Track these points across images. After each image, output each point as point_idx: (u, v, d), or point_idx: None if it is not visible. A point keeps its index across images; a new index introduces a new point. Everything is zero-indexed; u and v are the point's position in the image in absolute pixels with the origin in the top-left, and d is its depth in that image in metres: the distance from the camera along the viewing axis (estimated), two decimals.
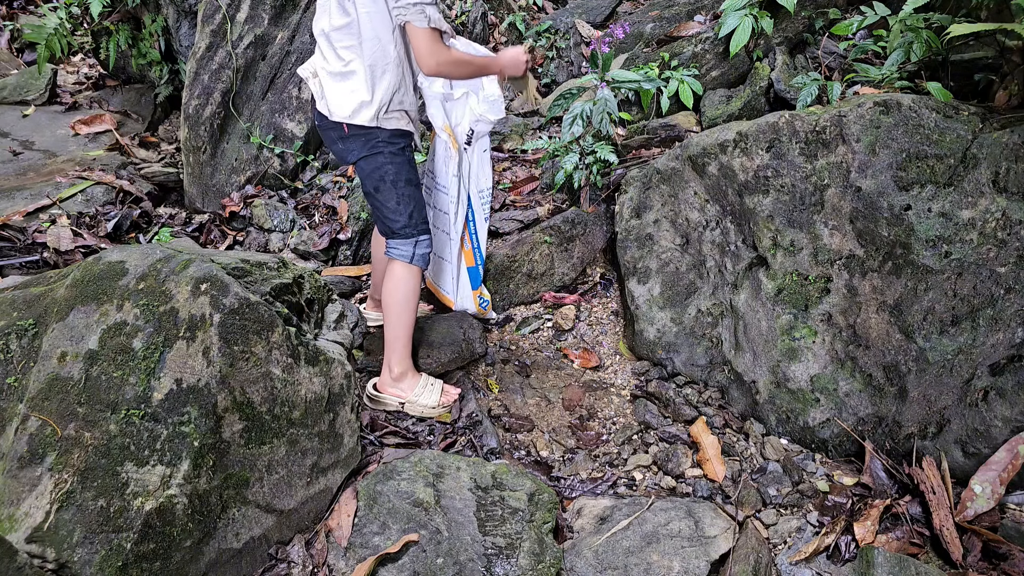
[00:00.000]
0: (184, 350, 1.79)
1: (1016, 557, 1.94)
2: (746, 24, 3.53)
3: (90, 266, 1.91)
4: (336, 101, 2.34)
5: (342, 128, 2.36)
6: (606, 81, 3.17)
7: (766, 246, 2.55)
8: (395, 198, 2.43)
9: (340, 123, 2.35)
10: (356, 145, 2.38)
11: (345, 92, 2.32)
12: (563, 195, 3.63)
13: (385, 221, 2.50)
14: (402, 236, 2.49)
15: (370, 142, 2.37)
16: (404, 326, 2.55)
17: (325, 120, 2.41)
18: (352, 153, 2.41)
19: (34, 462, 1.71)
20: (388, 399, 2.61)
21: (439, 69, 2.22)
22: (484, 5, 5.02)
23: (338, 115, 2.34)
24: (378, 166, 2.39)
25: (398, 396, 2.60)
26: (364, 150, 2.38)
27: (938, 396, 2.26)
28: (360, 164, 2.42)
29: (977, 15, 2.51)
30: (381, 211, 2.49)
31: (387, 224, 2.50)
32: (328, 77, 2.36)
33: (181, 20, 4.18)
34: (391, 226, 2.49)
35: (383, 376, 2.63)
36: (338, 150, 2.46)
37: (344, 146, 2.41)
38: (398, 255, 2.50)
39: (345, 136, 2.37)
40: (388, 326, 2.56)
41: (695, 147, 2.70)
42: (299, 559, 1.90)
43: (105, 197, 3.50)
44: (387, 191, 2.42)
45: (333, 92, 2.35)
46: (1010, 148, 2.15)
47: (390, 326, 2.55)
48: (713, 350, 2.85)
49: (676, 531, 2.08)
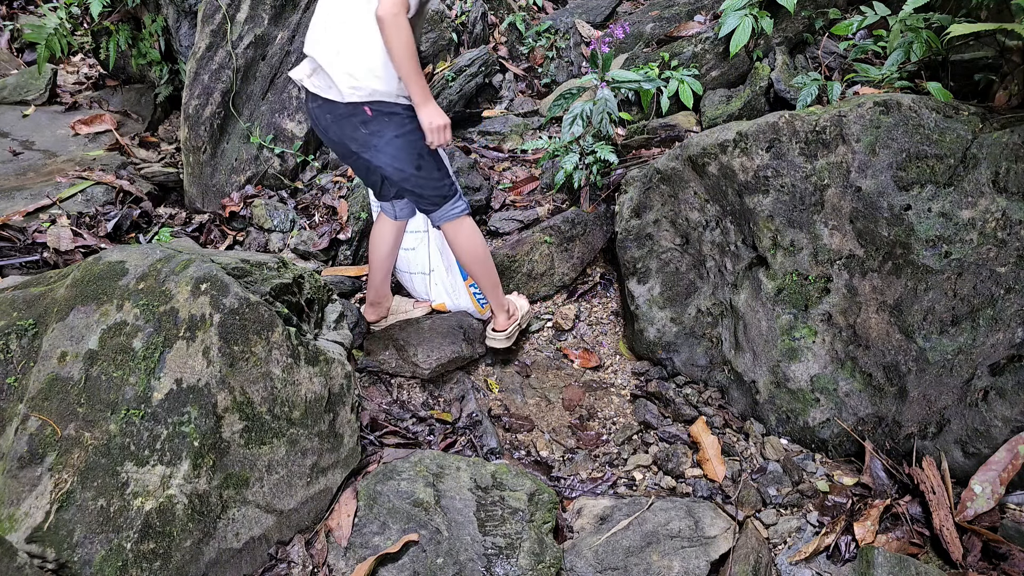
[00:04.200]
0: (184, 350, 1.79)
1: (1016, 557, 1.94)
2: (746, 24, 3.53)
3: (90, 266, 1.91)
4: (352, 82, 2.26)
5: (364, 112, 2.29)
6: (606, 81, 3.17)
7: (766, 246, 2.55)
8: (435, 165, 2.47)
9: (360, 107, 2.28)
10: (384, 126, 2.32)
11: (362, 71, 2.25)
12: (563, 195, 3.63)
13: (433, 192, 2.50)
14: (452, 195, 2.55)
15: (396, 119, 2.32)
16: (492, 270, 2.74)
17: (338, 108, 2.32)
18: (383, 135, 2.34)
19: (34, 462, 1.71)
20: (511, 330, 2.92)
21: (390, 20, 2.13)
22: (484, 5, 5.01)
23: (357, 95, 2.26)
24: (414, 141, 2.38)
25: (515, 323, 2.92)
26: (396, 128, 2.34)
27: (938, 396, 2.26)
28: (395, 144, 2.36)
29: (977, 15, 2.51)
30: (427, 185, 2.47)
31: (436, 193, 2.51)
32: (339, 61, 2.27)
33: (181, 20, 4.18)
34: (441, 192, 2.52)
35: (499, 317, 2.87)
36: (363, 136, 2.36)
37: (370, 129, 2.33)
38: (457, 212, 2.57)
39: (369, 119, 2.31)
40: (481, 275, 2.72)
41: (695, 147, 2.70)
42: (299, 559, 1.90)
43: (105, 197, 3.50)
44: (428, 162, 2.44)
45: (348, 74, 2.26)
46: (1010, 148, 2.15)
47: (483, 274, 2.72)
48: (713, 350, 2.85)
49: (676, 531, 2.08)
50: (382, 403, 2.67)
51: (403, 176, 2.45)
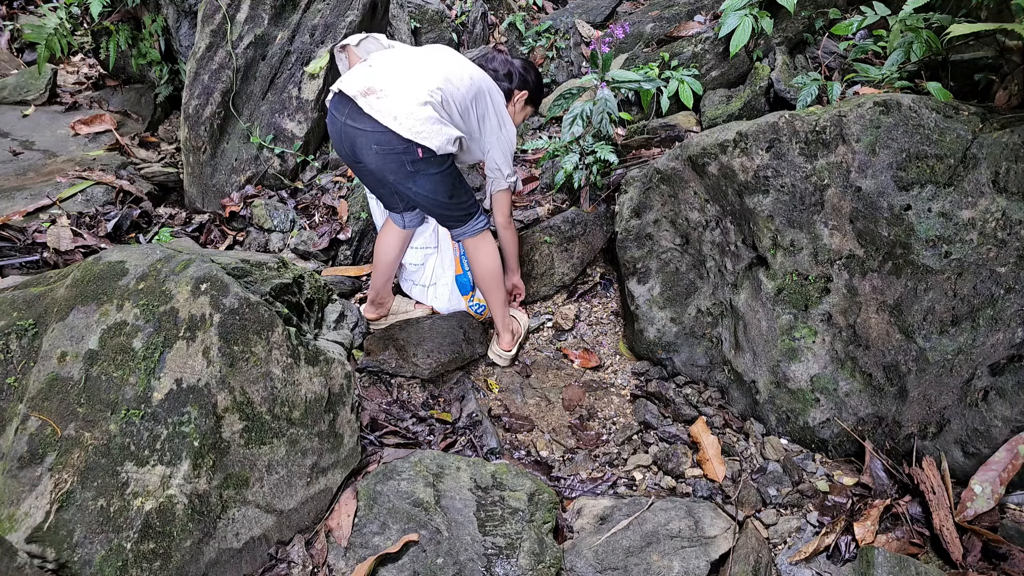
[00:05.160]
0: (184, 350, 1.79)
1: (1016, 557, 1.94)
2: (746, 24, 3.53)
3: (90, 266, 1.91)
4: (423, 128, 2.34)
5: (415, 152, 2.37)
6: (606, 81, 3.17)
7: (766, 246, 2.55)
8: (464, 191, 2.63)
9: (414, 146, 2.35)
10: (429, 165, 2.43)
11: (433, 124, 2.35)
12: (563, 195, 3.63)
13: (462, 212, 2.65)
14: (475, 212, 2.70)
15: (440, 157, 2.43)
16: (503, 290, 2.87)
17: (392, 141, 2.35)
18: (425, 172, 2.45)
19: (34, 462, 1.71)
20: (516, 350, 3.02)
21: (507, 226, 2.89)
22: (484, 5, 5.02)
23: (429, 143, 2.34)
24: (450, 175, 2.51)
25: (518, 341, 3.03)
26: (437, 167, 2.45)
27: (938, 396, 2.26)
28: (435, 179, 2.47)
29: (977, 15, 2.51)
30: (458, 207, 2.63)
31: (464, 212, 2.66)
32: (414, 103, 2.34)
33: (181, 20, 4.18)
34: (468, 211, 2.67)
35: (503, 338, 2.97)
36: (406, 172, 2.44)
37: (416, 168, 2.42)
38: (482, 227, 2.73)
39: (419, 159, 2.39)
40: (493, 292, 2.84)
41: (695, 147, 2.70)
42: (299, 559, 1.90)
43: (105, 197, 3.50)
44: (459, 190, 2.59)
45: (420, 119, 2.34)
46: (1010, 148, 2.15)
47: (495, 292, 2.84)
48: (713, 350, 2.85)
49: (676, 531, 2.08)
50: (382, 403, 2.67)
51: (436, 203, 2.58)
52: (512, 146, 2.75)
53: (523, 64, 2.85)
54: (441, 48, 2.65)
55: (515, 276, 3.12)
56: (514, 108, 2.84)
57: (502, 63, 2.80)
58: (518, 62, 2.83)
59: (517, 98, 2.82)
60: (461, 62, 2.58)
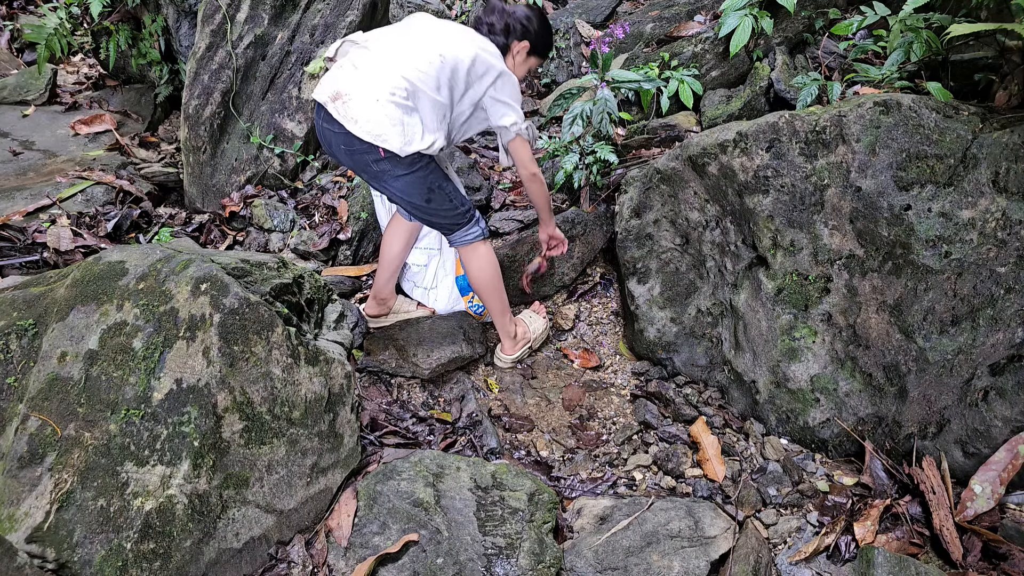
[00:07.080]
0: (184, 350, 1.79)
1: (1016, 557, 1.94)
2: (746, 24, 3.53)
3: (90, 266, 1.91)
4: (381, 131, 2.29)
5: (377, 152, 2.34)
6: (606, 81, 3.17)
7: (766, 246, 2.55)
8: (445, 197, 2.53)
9: (376, 148, 2.32)
10: (395, 166, 2.38)
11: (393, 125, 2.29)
12: (563, 195, 3.63)
13: (445, 220, 2.58)
14: (466, 222, 2.61)
15: (407, 159, 2.37)
16: (502, 296, 2.81)
17: (354, 143, 2.35)
18: (392, 173, 2.41)
19: (34, 462, 1.71)
20: (520, 354, 2.99)
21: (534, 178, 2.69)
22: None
23: (387, 146, 2.30)
24: (422, 178, 2.44)
25: (525, 346, 2.99)
26: (404, 169, 2.40)
27: (938, 396, 2.26)
28: (404, 180, 2.43)
29: (977, 15, 2.51)
30: (437, 214, 2.56)
31: (449, 221, 2.59)
32: (373, 104, 2.29)
33: (181, 20, 4.18)
34: (454, 220, 2.59)
35: (505, 344, 2.94)
36: (373, 171, 2.42)
37: (381, 168, 2.39)
38: (472, 238, 2.65)
39: (382, 158, 2.36)
40: (490, 300, 2.80)
41: (695, 147, 2.70)
42: (299, 559, 1.90)
43: (105, 197, 3.50)
44: (438, 195, 2.51)
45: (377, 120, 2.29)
46: (1010, 148, 2.15)
47: (492, 300, 2.79)
48: (713, 350, 2.85)
49: (676, 531, 2.08)
50: (382, 403, 2.67)
51: (413, 206, 2.55)
52: (514, 94, 2.54)
53: (525, 13, 2.63)
54: (419, 23, 2.52)
55: (550, 227, 2.91)
56: (513, 61, 2.64)
57: (499, 16, 2.60)
58: (520, 11, 2.62)
59: (517, 50, 2.61)
60: (434, 38, 2.43)
